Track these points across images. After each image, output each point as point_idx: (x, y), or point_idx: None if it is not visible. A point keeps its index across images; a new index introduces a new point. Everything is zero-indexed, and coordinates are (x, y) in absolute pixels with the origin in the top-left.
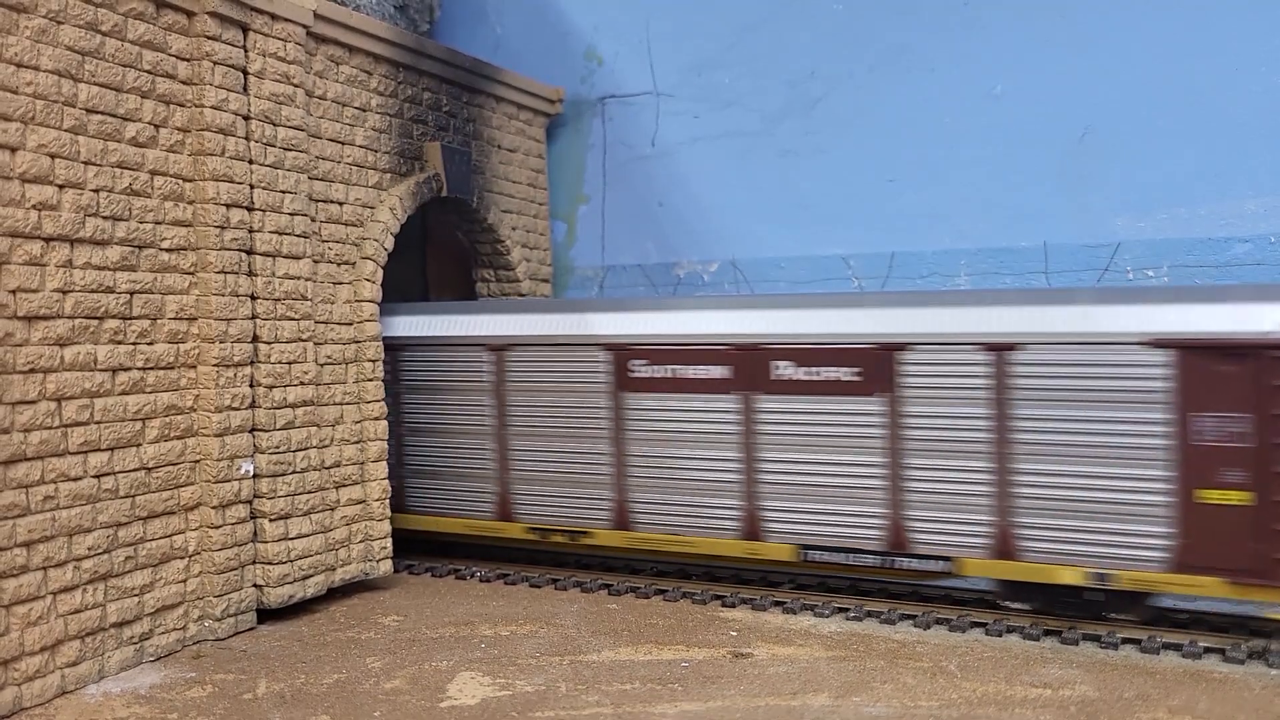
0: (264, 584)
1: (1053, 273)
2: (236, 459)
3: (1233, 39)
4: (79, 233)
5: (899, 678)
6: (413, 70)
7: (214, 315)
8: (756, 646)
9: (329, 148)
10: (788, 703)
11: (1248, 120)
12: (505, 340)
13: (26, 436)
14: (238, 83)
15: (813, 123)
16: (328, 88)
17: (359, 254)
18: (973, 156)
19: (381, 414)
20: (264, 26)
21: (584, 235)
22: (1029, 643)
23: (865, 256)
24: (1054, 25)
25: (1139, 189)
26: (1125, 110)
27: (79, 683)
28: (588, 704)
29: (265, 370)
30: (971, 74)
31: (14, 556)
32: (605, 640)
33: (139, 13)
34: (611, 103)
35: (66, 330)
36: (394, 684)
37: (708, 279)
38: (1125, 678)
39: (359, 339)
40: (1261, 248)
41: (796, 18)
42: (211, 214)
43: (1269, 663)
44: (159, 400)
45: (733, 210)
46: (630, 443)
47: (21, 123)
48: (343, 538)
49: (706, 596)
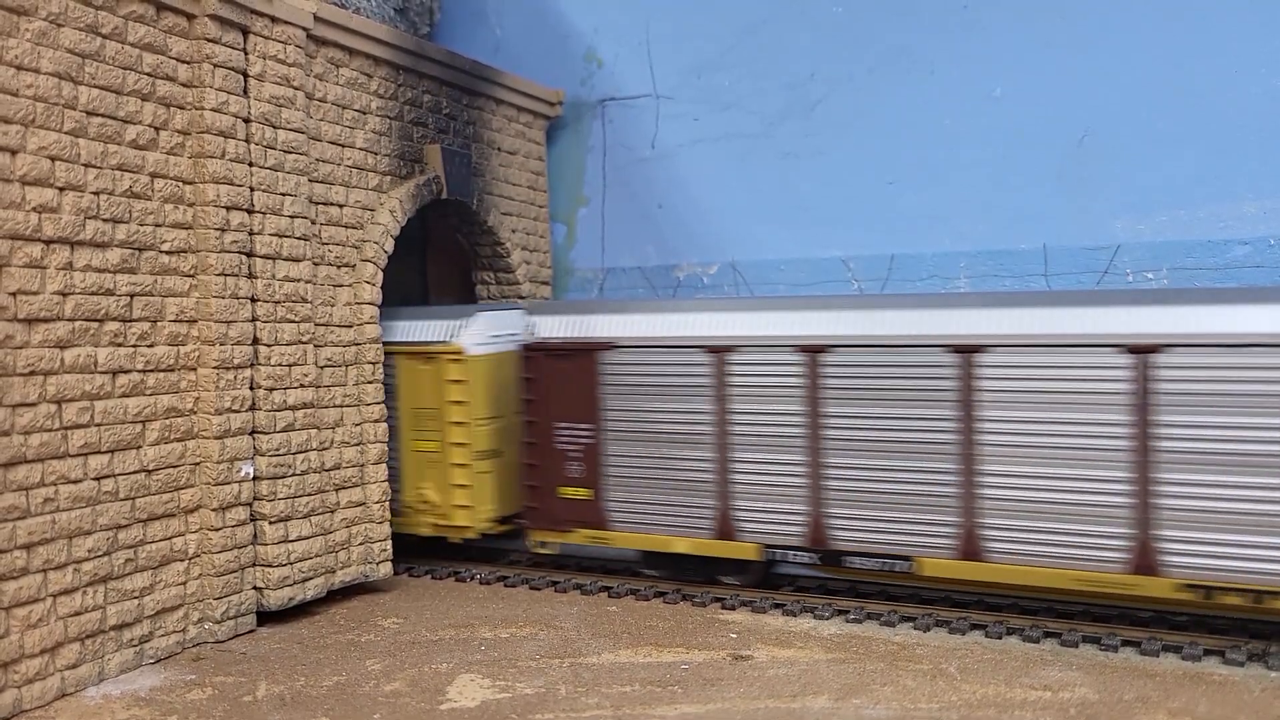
0: (264, 586)
1: (1052, 275)
2: (237, 461)
3: (1232, 41)
4: (79, 235)
5: (899, 680)
6: (413, 73)
7: (214, 317)
8: (756, 648)
9: (329, 150)
10: (788, 705)
11: (1247, 123)
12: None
13: (27, 439)
14: (238, 85)
15: (812, 125)
16: (328, 90)
17: (359, 256)
18: (972, 159)
19: (381, 416)
20: (264, 29)
21: (584, 237)
22: (1029, 645)
23: (865, 258)
24: (1054, 27)
25: (1139, 191)
26: (1125, 113)
27: (79, 685)
28: (587, 706)
29: (265, 372)
30: (971, 76)
31: (14, 559)
32: (605, 642)
33: (139, 15)
34: (611, 105)
35: (67, 332)
36: (394, 686)
37: (707, 281)
38: (1125, 680)
39: (359, 341)
40: (1261, 250)
41: (796, 20)
42: (212, 216)
43: (1269, 665)
44: (159, 402)
45: (732, 212)
46: (985, 459)
47: (22, 125)
48: (342, 540)
49: (706, 599)
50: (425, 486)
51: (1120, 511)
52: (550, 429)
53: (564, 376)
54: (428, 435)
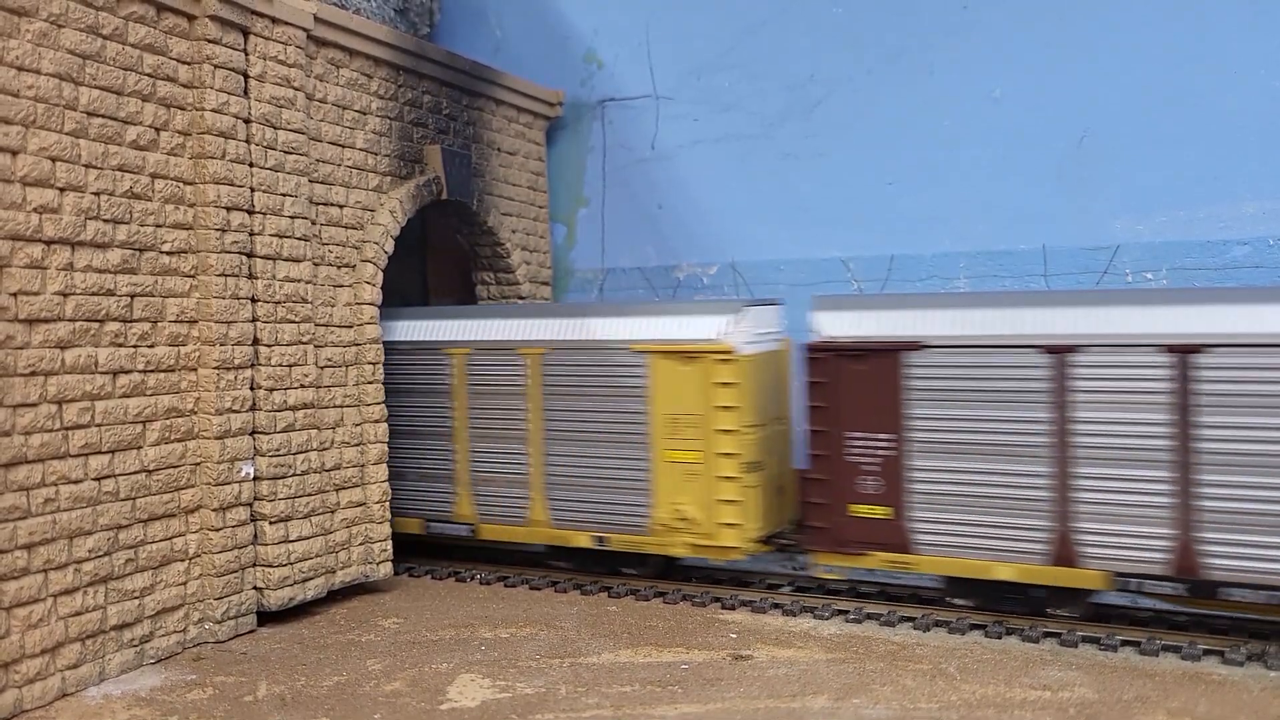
0: (264, 586)
1: (1052, 275)
2: (237, 461)
3: (1231, 42)
4: (80, 236)
5: (898, 680)
6: (413, 73)
7: (214, 318)
8: (756, 649)
9: (329, 151)
10: (787, 705)
11: (1246, 123)
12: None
13: (27, 439)
14: (238, 86)
15: (812, 126)
16: (328, 91)
17: (359, 257)
18: (972, 159)
19: (382, 416)
20: (264, 30)
21: (584, 238)
22: (1028, 645)
23: (865, 259)
24: (1053, 28)
25: (1138, 192)
26: (1124, 113)
27: (79, 685)
28: (587, 706)
29: (266, 373)
30: (971, 77)
31: (14, 559)
32: (605, 642)
33: (140, 16)
34: (611, 106)
35: (67, 333)
36: (394, 686)
37: (707, 281)
38: (1124, 679)
39: (359, 341)
40: (1260, 250)
41: (796, 21)
42: (212, 217)
43: (1268, 665)
44: (160, 403)
45: (732, 213)
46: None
47: (23, 126)
48: (343, 540)
49: (706, 599)
50: (683, 502)
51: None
52: (841, 439)
53: (859, 380)
54: (687, 444)
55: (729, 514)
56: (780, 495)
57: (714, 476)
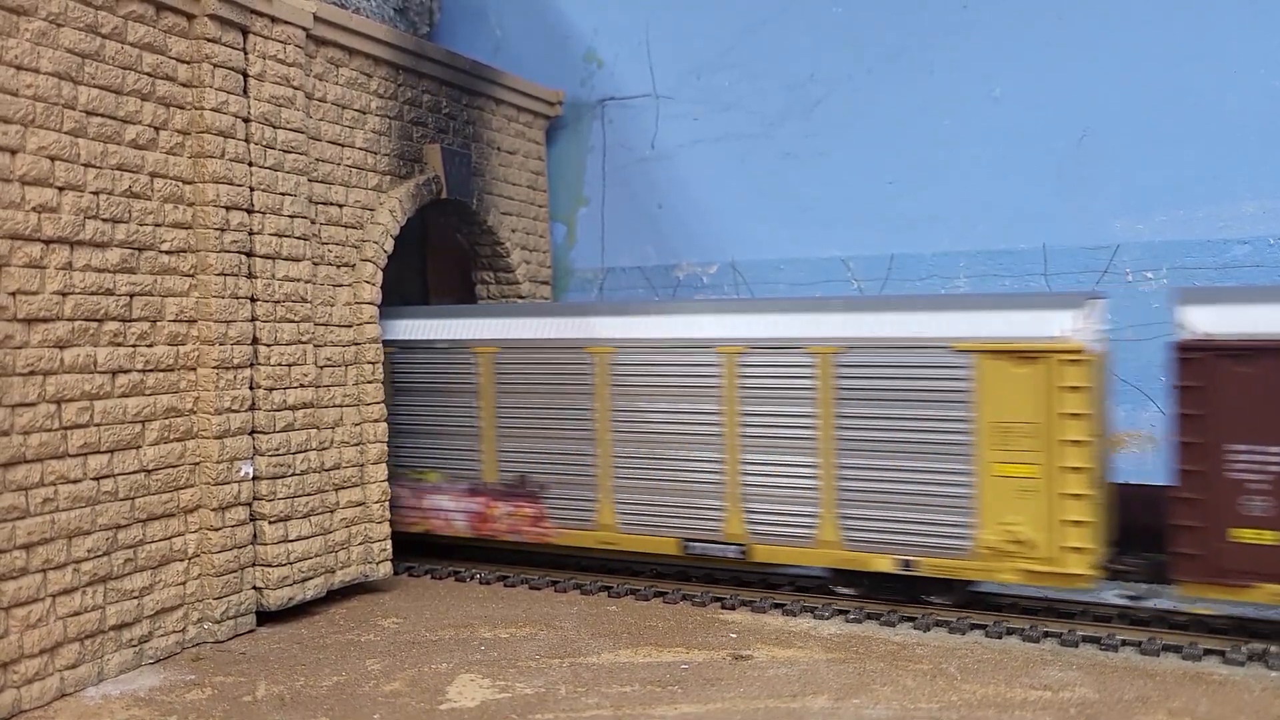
0: (263, 586)
1: (1052, 275)
2: (236, 461)
3: (1231, 42)
4: (79, 235)
5: (899, 680)
6: (412, 73)
7: (214, 317)
8: (756, 648)
9: (329, 150)
10: (787, 705)
11: (1246, 123)
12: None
13: (26, 439)
14: (238, 85)
15: (812, 125)
16: (327, 90)
17: (359, 256)
18: (972, 159)
19: (382, 416)
20: (264, 29)
21: (584, 237)
22: (1029, 645)
23: (864, 259)
24: (1053, 28)
25: (1138, 191)
26: (1124, 113)
27: (78, 685)
28: (587, 706)
29: (265, 372)
30: (971, 77)
31: (13, 559)
32: (605, 642)
33: (139, 15)
34: (611, 105)
35: (66, 332)
36: (393, 686)
37: (707, 281)
38: (1125, 679)
39: (359, 341)
40: (1260, 249)
41: (796, 21)
42: (211, 216)
43: (1269, 665)
44: (159, 402)
45: (732, 212)
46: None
47: (22, 125)
48: (342, 540)
49: (706, 599)
50: (1016, 521)
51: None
52: (1219, 453)
53: (1245, 385)
54: (1022, 456)
55: (1075, 536)
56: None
57: (1057, 494)
